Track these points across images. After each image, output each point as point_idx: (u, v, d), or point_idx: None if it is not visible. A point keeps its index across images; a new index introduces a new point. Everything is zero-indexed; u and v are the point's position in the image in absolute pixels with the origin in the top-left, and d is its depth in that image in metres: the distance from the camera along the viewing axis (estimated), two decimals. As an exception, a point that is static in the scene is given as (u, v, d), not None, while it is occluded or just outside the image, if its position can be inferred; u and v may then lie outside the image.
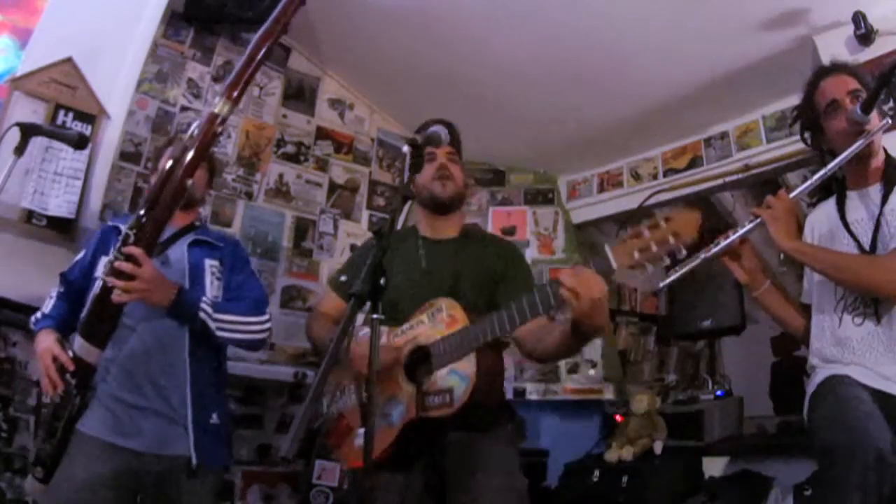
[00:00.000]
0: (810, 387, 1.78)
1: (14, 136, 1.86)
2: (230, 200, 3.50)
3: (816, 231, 1.89)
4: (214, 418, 1.90)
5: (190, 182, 1.64)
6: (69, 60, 2.79)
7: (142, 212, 1.64)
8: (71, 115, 2.79)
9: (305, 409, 1.05)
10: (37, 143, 2.49)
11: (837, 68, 1.88)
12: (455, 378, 1.57)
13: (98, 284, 1.67)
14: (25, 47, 2.80)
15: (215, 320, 1.86)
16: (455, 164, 1.93)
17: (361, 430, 1.59)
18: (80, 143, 2.00)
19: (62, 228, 2.70)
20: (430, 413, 1.59)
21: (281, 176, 3.69)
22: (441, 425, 1.62)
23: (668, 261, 1.31)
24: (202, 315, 1.84)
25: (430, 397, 1.60)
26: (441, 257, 1.86)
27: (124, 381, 1.81)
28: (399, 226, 1.56)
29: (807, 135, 1.95)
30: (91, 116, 2.85)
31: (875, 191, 1.79)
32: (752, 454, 2.68)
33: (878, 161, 1.80)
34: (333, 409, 1.80)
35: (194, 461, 1.79)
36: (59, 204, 2.70)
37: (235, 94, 1.64)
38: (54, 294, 1.99)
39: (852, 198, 1.84)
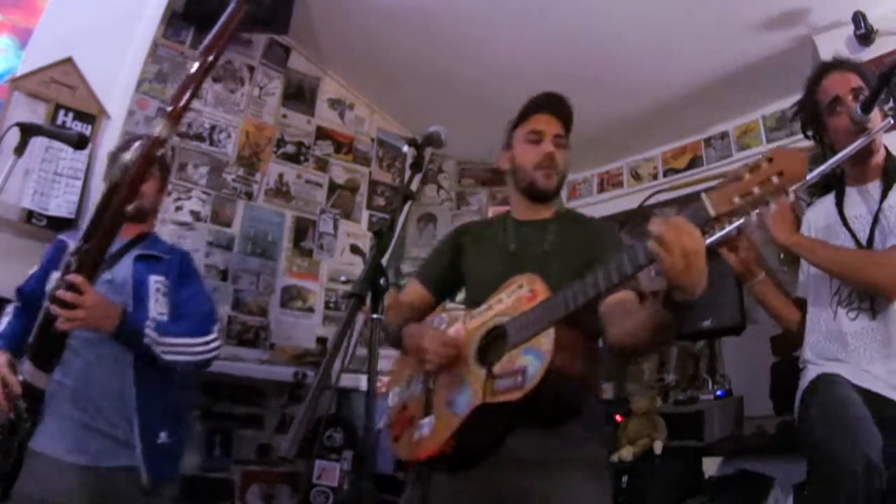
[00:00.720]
0: (802, 382, 1.77)
1: (14, 136, 1.86)
2: (230, 200, 3.50)
3: (813, 226, 1.89)
4: (163, 437, 1.88)
5: (130, 207, 1.61)
6: (69, 60, 2.80)
7: (81, 241, 1.61)
8: (71, 115, 2.80)
9: (305, 409, 1.05)
10: (37, 143, 2.49)
11: (841, 64, 1.87)
12: (529, 356, 1.37)
13: (42, 311, 1.66)
14: (25, 47, 2.80)
15: (160, 344, 1.84)
16: (562, 149, 1.77)
17: (423, 421, 1.54)
18: (80, 143, 2.00)
19: (62, 228, 2.70)
20: (498, 397, 1.39)
21: (281, 176, 3.70)
22: (509, 419, 1.42)
23: (773, 206, 1.11)
24: (147, 340, 1.82)
25: (500, 380, 1.40)
26: (531, 238, 1.70)
27: (73, 400, 1.82)
28: (398, 226, 1.47)
29: (809, 131, 1.95)
30: (91, 116, 2.85)
31: (874, 187, 1.78)
32: (752, 454, 2.68)
33: (878, 158, 1.80)
34: (399, 400, 1.69)
35: (145, 480, 1.79)
36: (60, 204, 2.70)
37: (180, 106, 1.65)
38: (11, 310, 1.97)
39: (851, 194, 1.83)
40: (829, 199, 1.88)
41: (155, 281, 1.98)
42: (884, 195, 1.74)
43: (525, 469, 1.43)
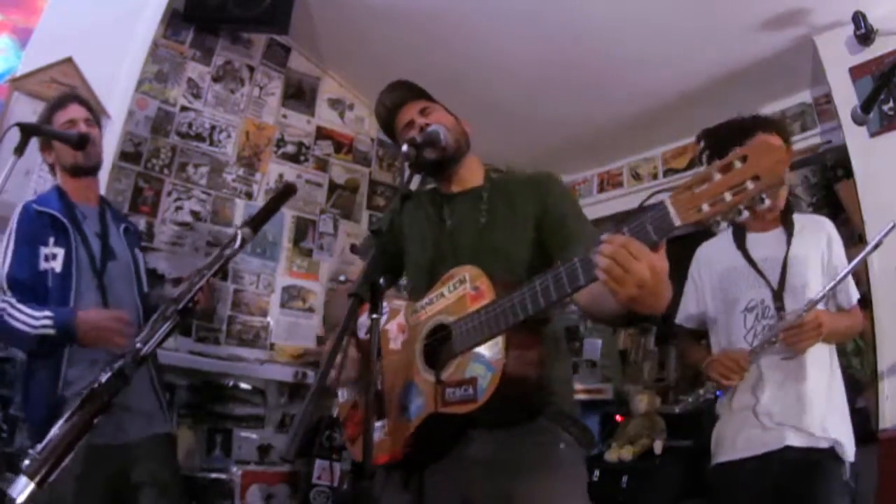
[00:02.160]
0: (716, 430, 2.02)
1: (14, 136, 1.85)
2: (230, 200, 3.50)
3: (714, 267, 2.02)
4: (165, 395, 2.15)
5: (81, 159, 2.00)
6: (69, 60, 2.79)
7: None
8: (71, 114, 2.79)
9: (305, 408, 1.05)
10: (37, 143, 2.49)
11: (774, 125, 2.04)
12: (480, 366, 1.30)
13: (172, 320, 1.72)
14: (25, 47, 2.80)
15: None
16: (432, 112, 1.67)
17: (378, 424, 1.47)
18: (80, 143, 2.00)
19: (62, 228, 2.70)
20: (451, 408, 1.33)
21: (281, 176, 3.69)
22: (463, 425, 1.38)
23: (745, 214, 0.98)
24: None
25: (450, 388, 1.34)
26: (466, 211, 1.60)
27: None
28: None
29: (704, 155, 2.07)
30: (91, 116, 2.85)
31: (778, 233, 1.94)
32: (752, 454, 2.68)
33: (777, 205, 1.94)
34: (350, 396, 1.62)
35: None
36: (59, 204, 2.70)
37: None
38: (14, 300, 1.80)
39: (754, 238, 1.97)
40: (724, 239, 2.01)
41: (140, 254, 2.15)
42: (788, 242, 1.91)
43: (491, 471, 1.39)
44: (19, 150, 1.84)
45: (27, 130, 1.87)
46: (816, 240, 1.92)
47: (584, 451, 1.50)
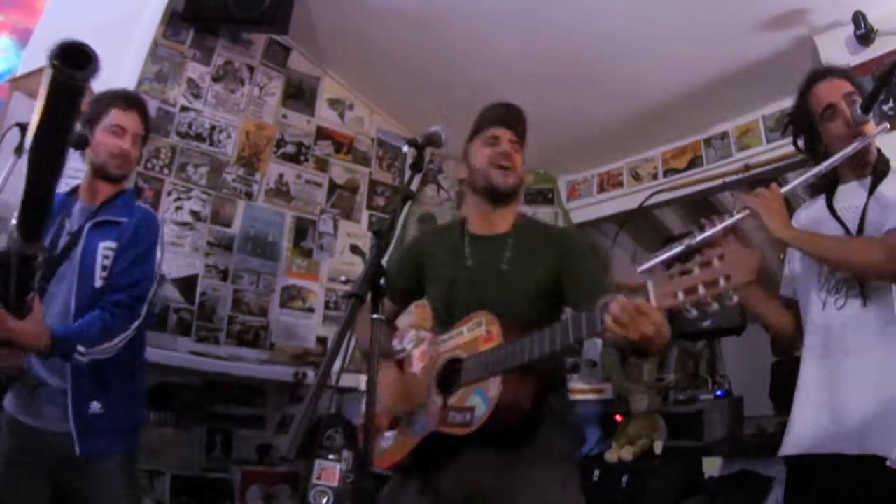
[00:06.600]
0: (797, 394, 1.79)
1: (14, 136, 1.86)
2: (230, 200, 3.50)
3: (804, 220, 1.89)
4: (95, 408, 1.82)
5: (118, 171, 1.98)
6: (69, 60, 2.79)
7: None
8: (71, 115, 2.79)
9: (305, 408, 1.05)
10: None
11: (830, 72, 1.88)
12: (478, 398, 1.50)
13: None
14: (25, 47, 2.80)
15: (89, 354, 1.76)
16: (518, 153, 1.80)
17: (388, 434, 1.69)
18: (80, 143, 2.00)
19: (62, 228, 2.69)
20: (449, 429, 1.54)
21: (281, 176, 3.70)
22: (460, 444, 1.55)
23: (715, 306, 1.17)
24: (78, 357, 1.74)
25: (452, 413, 1.55)
26: (488, 256, 1.73)
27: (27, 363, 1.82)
28: (398, 227, 1.50)
29: (800, 140, 1.94)
30: (91, 116, 2.85)
31: (864, 182, 1.79)
32: (752, 454, 2.68)
33: (870, 158, 1.81)
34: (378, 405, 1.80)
35: (77, 451, 1.78)
36: (59, 204, 2.70)
37: None
38: None
39: (842, 190, 1.84)
40: (822, 198, 1.88)
41: (104, 248, 1.91)
42: (873, 187, 1.75)
43: (497, 466, 1.55)
44: (19, 150, 1.85)
45: (27, 130, 1.87)
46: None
47: (578, 450, 1.73)
